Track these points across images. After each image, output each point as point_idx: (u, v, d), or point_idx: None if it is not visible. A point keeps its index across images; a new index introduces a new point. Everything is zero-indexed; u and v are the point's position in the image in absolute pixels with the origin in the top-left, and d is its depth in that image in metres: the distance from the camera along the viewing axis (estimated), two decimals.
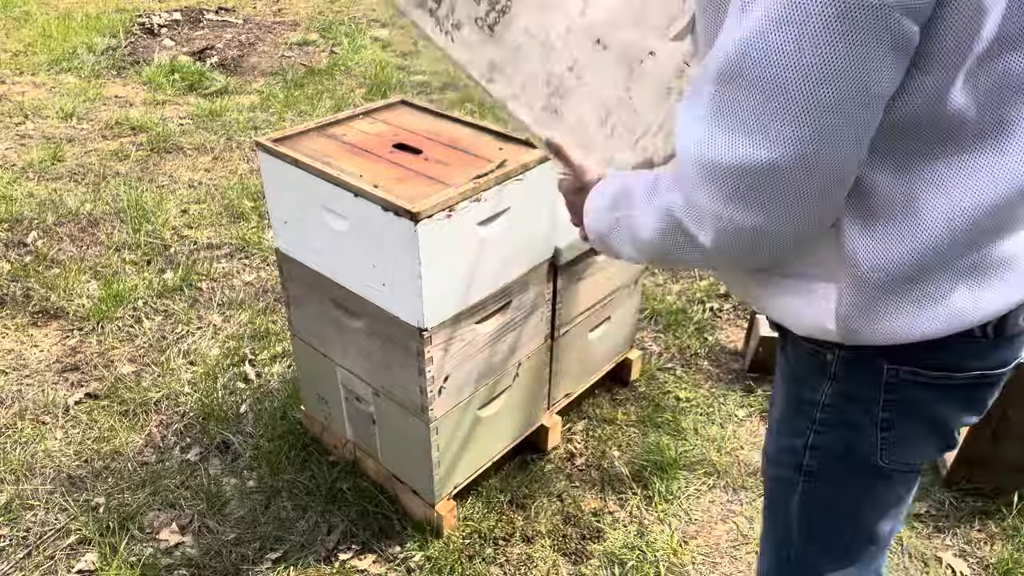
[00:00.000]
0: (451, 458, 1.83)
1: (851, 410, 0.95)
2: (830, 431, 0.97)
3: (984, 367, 0.91)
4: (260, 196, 3.47)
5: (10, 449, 2.15)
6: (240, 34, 5.78)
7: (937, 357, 0.89)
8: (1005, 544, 1.92)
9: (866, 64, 0.71)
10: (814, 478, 1.01)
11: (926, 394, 0.91)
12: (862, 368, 0.92)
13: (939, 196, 0.81)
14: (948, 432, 0.97)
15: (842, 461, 0.98)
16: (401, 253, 1.52)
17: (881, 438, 0.94)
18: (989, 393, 0.96)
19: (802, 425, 0.99)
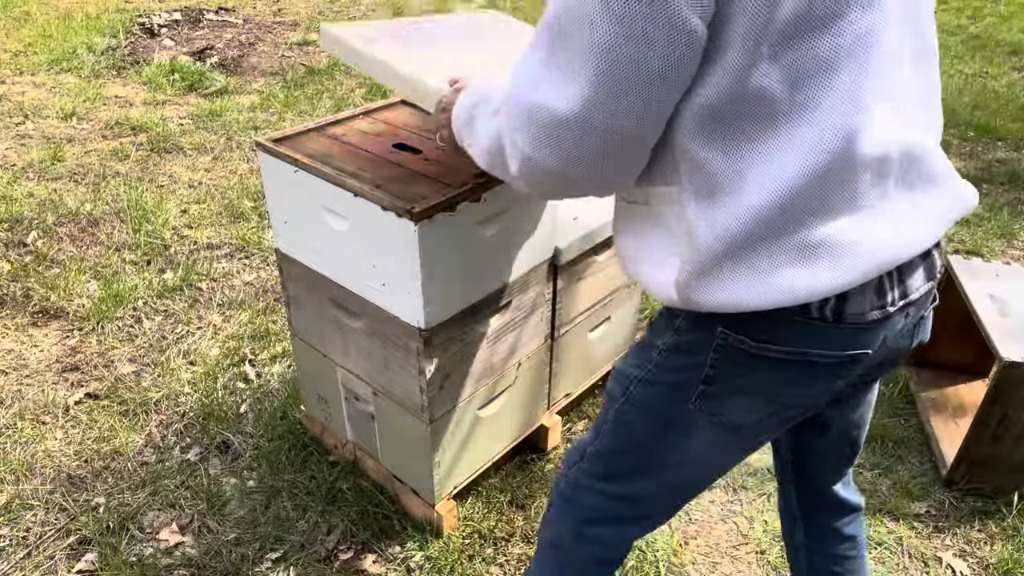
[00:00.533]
0: (451, 458, 1.83)
1: (683, 361, 1.04)
2: (660, 373, 1.07)
3: (810, 347, 0.95)
4: (260, 196, 3.47)
5: (10, 449, 2.15)
6: (240, 34, 5.78)
7: (765, 329, 0.95)
8: (1005, 544, 1.93)
9: (645, 44, 0.81)
10: (633, 402, 1.11)
11: (749, 360, 0.98)
12: (701, 326, 0.99)
13: (762, 172, 0.87)
14: (775, 403, 1.02)
15: (662, 396, 1.08)
16: (401, 253, 1.52)
17: (700, 389, 1.02)
18: (823, 375, 0.99)
19: (643, 360, 1.09)
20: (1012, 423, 1.93)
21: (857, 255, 0.90)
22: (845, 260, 0.90)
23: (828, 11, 0.82)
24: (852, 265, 0.90)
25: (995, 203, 3.59)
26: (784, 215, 0.88)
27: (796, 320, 0.93)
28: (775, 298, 0.91)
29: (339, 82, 4.92)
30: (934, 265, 1.01)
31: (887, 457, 2.18)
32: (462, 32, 1.76)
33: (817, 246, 0.90)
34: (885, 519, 1.99)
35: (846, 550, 1.37)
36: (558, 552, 1.28)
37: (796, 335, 0.95)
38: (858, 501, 1.36)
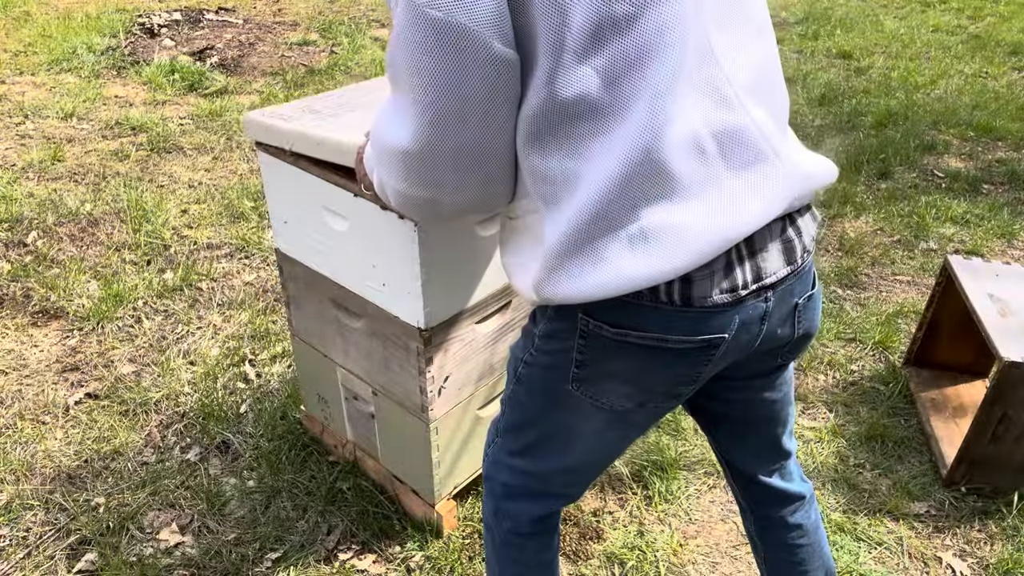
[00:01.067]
0: (451, 458, 1.83)
1: (555, 345, 1.09)
2: (539, 356, 1.13)
3: (664, 332, 0.99)
4: (260, 196, 3.47)
5: (10, 449, 2.15)
6: (240, 34, 5.78)
7: (620, 316, 1.00)
8: (1005, 544, 1.93)
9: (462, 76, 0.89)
10: (521, 383, 1.18)
11: (611, 346, 1.03)
12: (567, 314, 1.05)
13: (592, 170, 0.93)
14: (642, 388, 1.07)
15: (542, 378, 1.14)
16: (401, 253, 1.52)
17: (574, 372, 1.08)
18: (682, 361, 1.03)
19: (527, 344, 1.16)
20: (1012, 423, 1.93)
21: (686, 238, 0.94)
22: (675, 244, 0.94)
23: (629, 11, 0.87)
24: (683, 248, 0.94)
25: (995, 203, 3.59)
26: (611, 208, 0.94)
27: (647, 306, 0.98)
28: (615, 285, 0.96)
29: (339, 82, 4.92)
30: (793, 248, 1.03)
31: (887, 457, 2.18)
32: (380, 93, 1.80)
33: (647, 233, 0.94)
34: (885, 519, 1.99)
35: (796, 538, 1.38)
36: (488, 532, 1.35)
37: (650, 321, 0.99)
38: (800, 490, 1.36)
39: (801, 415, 2.32)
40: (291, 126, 1.61)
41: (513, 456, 1.26)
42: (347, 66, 5.19)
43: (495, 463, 1.30)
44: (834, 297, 2.91)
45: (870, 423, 2.28)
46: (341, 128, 1.58)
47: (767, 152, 0.99)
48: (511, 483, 1.28)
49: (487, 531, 1.36)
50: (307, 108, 1.71)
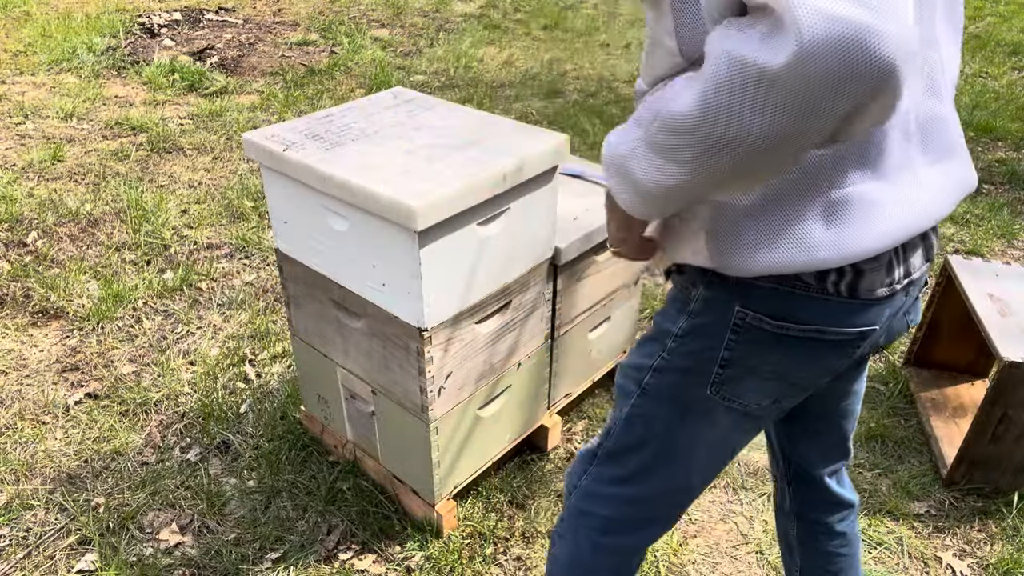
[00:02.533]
0: (451, 458, 1.83)
1: (698, 344, 1.01)
2: (674, 359, 1.04)
3: (825, 324, 0.94)
4: (260, 196, 3.47)
5: (10, 449, 2.15)
6: (240, 34, 5.78)
7: (781, 307, 0.94)
8: (1005, 544, 1.93)
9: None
10: (648, 395, 1.08)
11: (767, 340, 0.96)
12: (717, 307, 0.98)
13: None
14: (785, 383, 1.01)
15: (677, 386, 1.05)
16: (401, 253, 1.52)
17: (717, 372, 1.00)
18: (833, 354, 0.98)
19: (654, 349, 1.07)
20: (1012, 423, 1.93)
21: (881, 218, 0.88)
22: (869, 223, 0.88)
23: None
24: (876, 229, 0.88)
25: (995, 203, 3.59)
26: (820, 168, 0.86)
27: (814, 296, 0.93)
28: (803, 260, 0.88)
29: (339, 82, 4.92)
30: (932, 246, 1.01)
31: (887, 457, 2.18)
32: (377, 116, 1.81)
33: (846, 205, 0.87)
34: (885, 519, 1.99)
35: (838, 547, 1.37)
36: (578, 570, 1.24)
37: (813, 312, 0.94)
38: (852, 498, 1.36)
39: None
40: (298, 157, 1.60)
41: (616, 484, 1.16)
42: (347, 66, 5.19)
43: (589, 496, 1.19)
44: None
45: (870, 423, 2.28)
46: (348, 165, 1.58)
47: (957, 148, 0.96)
48: (612, 515, 1.18)
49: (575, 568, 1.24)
50: (309, 132, 1.70)
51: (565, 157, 1.73)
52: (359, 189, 1.49)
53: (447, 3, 6.84)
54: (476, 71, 5.24)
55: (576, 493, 1.23)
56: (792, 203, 0.88)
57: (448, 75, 5.15)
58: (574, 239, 1.89)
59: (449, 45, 5.75)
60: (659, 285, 2.94)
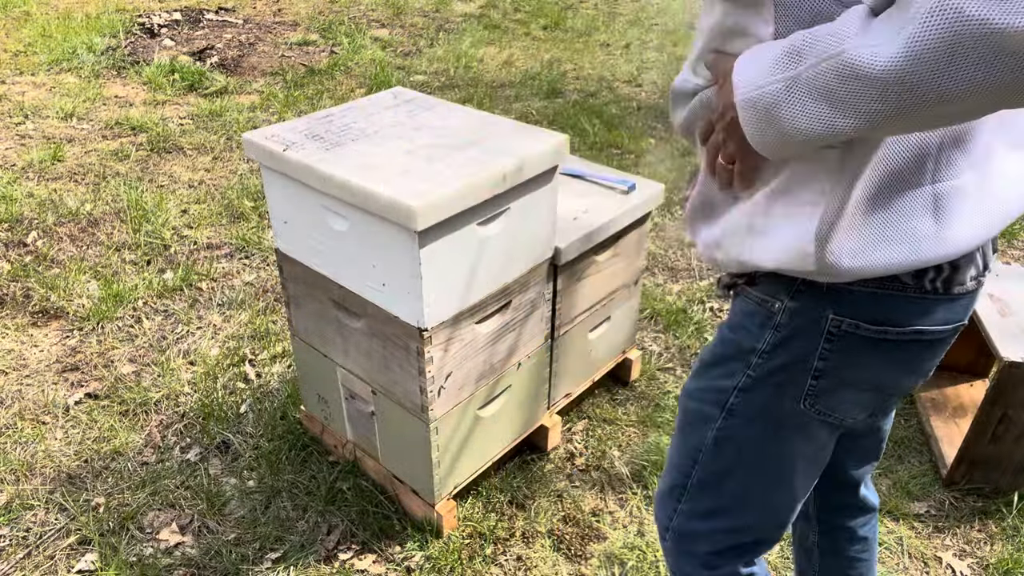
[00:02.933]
0: (451, 458, 1.83)
1: (788, 357, 0.96)
2: (763, 376, 0.98)
3: (923, 324, 0.90)
4: (260, 196, 3.47)
5: (10, 449, 2.15)
6: (240, 34, 5.78)
7: (882, 311, 0.89)
8: (1005, 544, 1.92)
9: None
10: (735, 415, 1.02)
11: (863, 347, 0.92)
12: (807, 317, 0.92)
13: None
14: (881, 392, 0.97)
15: (768, 402, 1.00)
16: (401, 253, 1.52)
17: (810, 385, 0.95)
18: (927, 354, 0.95)
19: (735, 368, 1.00)
20: (1012, 423, 1.93)
21: (981, 210, 0.85)
22: (973, 214, 0.84)
23: None
24: (980, 219, 0.85)
25: None
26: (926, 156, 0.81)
27: (911, 296, 0.88)
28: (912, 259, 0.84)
29: (339, 82, 4.92)
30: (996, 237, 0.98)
31: (887, 457, 2.18)
32: (377, 116, 1.81)
33: (952, 197, 0.83)
34: (885, 519, 1.99)
35: (859, 552, 1.35)
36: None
37: (911, 313, 0.89)
38: (875, 501, 1.34)
39: None
40: (298, 157, 1.61)
41: (713, 517, 1.10)
42: (347, 66, 5.19)
43: (686, 536, 1.13)
44: None
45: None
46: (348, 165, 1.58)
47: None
48: (716, 549, 1.12)
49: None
50: (309, 132, 1.71)
51: (565, 157, 1.73)
52: (359, 189, 1.49)
53: (447, 3, 6.84)
54: (476, 71, 5.24)
55: (670, 536, 1.17)
56: (900, 197, 0.83)
57: (448, 75, 5.15)
58: (574, 239, 1.89)
59: (449, 45, 5.75)
60: (659, 285, 2.94)
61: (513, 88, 4.93)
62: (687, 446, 1.10)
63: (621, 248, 2.12)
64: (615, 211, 2.01)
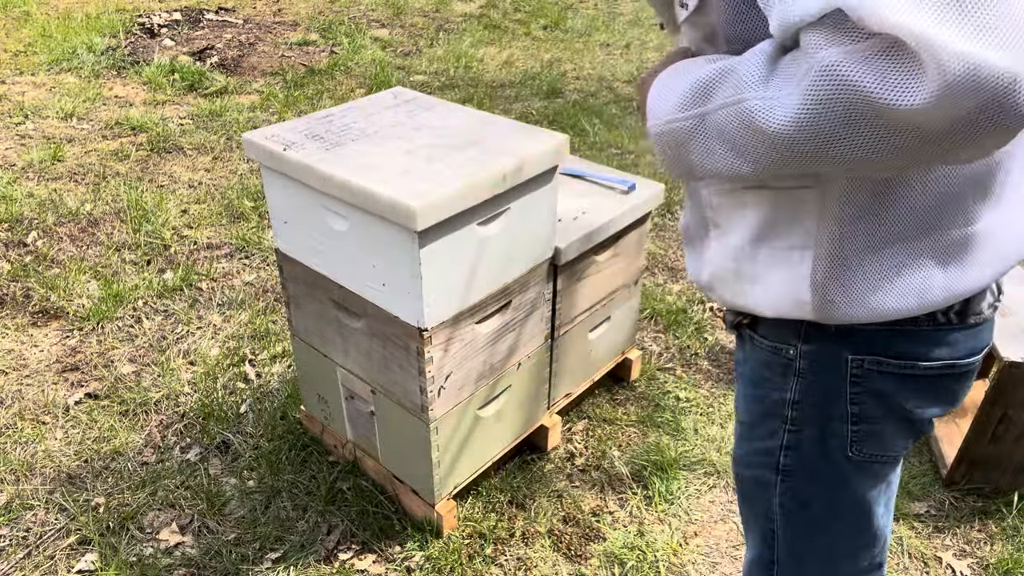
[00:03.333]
0: (451, 458, 1.83)
1: (820, 405, 0.92)
2: (803, 428, 0.94)
3: (951, 356, 0.87)
4: (260, 196, 3.47)
5: (10, 449, 2.15)
6: (240, 34, 5.78)
7: (900, 345, 0.85)
8: (1005, 544, 1.92)
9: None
10: (793, 475, 0.98)
11: (892, 385, 0.88)
12: (825, 361, 0.89)
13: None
14: (919, 423, 0.94)
15: (818, 457, 0.95)
16: (401, 253, 1.52)
17: (852, 431, 0.91)
18: (959, 384, 0.92)
19: (774, 426, 0.96)
20: (1012, 423, 1.93)
21: (994, 251, 0.82)
22: (984, 256, 0.81)
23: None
24: (988, 262, 0.82)
25: None
26: (944, 204, 0.78)
27: (925, 331, 0.85)
28: (916, 304, 0.81)
29: (339, 82, 4.92)
30: None
31: None
32: (377, 116, 1.82)
33: (965, 242, 0.80)
34: None
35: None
36: None
37: (934, 345, 0.86)
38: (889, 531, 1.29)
39: None
40: (298, 157, 1.61)
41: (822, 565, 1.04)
42: (347, 66, 5.19)
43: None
44: None
45: None
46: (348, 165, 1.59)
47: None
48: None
49: None
50: (309, 132, 1.71)
51: (565, 157, 1.73)
52: (359, 189, 1.49)
53: (447, 3, 6.84)
54: (476, 71, 5.24)
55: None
56: (911, 244, 0.80)
57: (448, 75, 5.15)
58: (574, 239, 1.89)
59: (449, 45, 5.75)
60: (659, 285, 2.94)
61: (513, 88, 4.93)
62: (758, 515, 1.05)
63: (621, 248, 2.12)
64: (615, 211, 2.01)
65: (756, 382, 0.97)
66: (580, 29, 6.22)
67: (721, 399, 2.37)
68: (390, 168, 1.55)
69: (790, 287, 0.85)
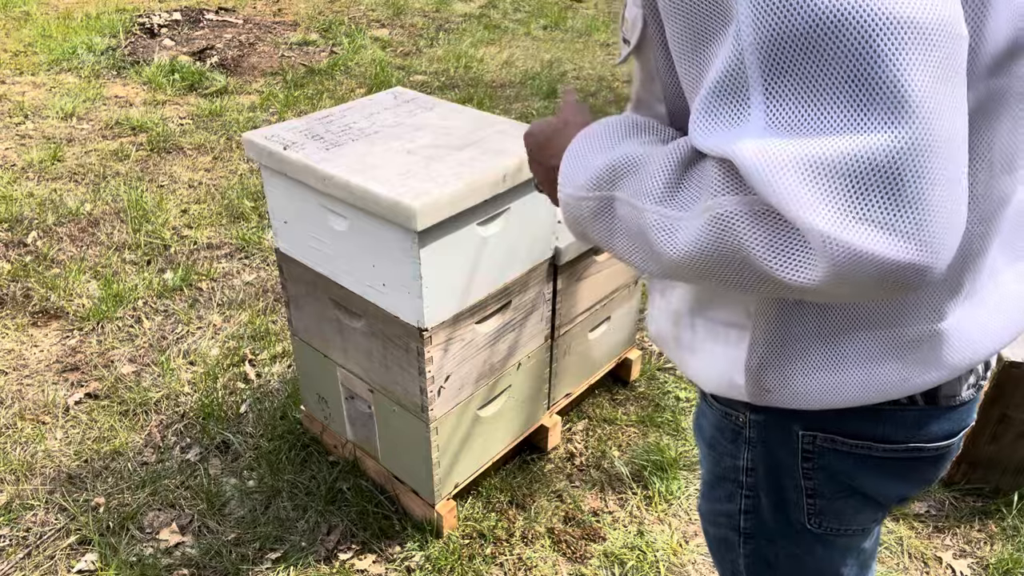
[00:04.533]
0: (451, 458, 1.83)
1: (773, 476, 0.86)
2: (759, 495, 0.89)
3: (918, 439, 0.79)
4: (260, 196, 3.47)
5: (10, 449, 2.15)
6: (240, 34, 5.78)
7: (854, 424, 0.78)
8: (1005, 544, 1.93)
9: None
10: (755, 539, 0.93)
11: (847, 464, 0.81)
12: (776, 433, 0.83)
13: None
14: (884, 502, 0.87)
15: (777, 523, 0.90)
16: (401, 253, 1.52)
17: (807, 504, 0.86)
18: (932, 467, 0.84)
19: (731, 490, 0.92)
20: (1012, 423, 1.93)
21: (961, 348, 0.75)
22: (949, 354, 0.74)
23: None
24: (954, 360, 0.75)
25: None
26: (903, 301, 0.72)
27: (887, 410, 0.78)
28: (864, 394, 0.74)
29: (339, 82, 4.92)
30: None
31: None
32: (378, 116, 1.82)
33: (928, 336, 0.73)
34: (885, 519, 1.99)
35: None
36: None
37: (899, 426, 0.79)
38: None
39: None
40: (298, 157, 1.62)
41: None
42: (347, 66, 5.19)
43: None
44: None
45: None
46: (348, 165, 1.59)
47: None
48: None
49: None
50: (309, 132, 1.71)
51: None
52: (359, 189, 1.49)
53: (447, 3, 6.84)
54: (476, 71, 5.24)
55: None
56: (864, 334, 0.73)
57: (448, 75, 5.15)
58: (574, 239, 1.89)
59: (449, 45, 5.75)
60: None
61: (513, 88, 4.93)
62: (725, 571, 1.02)
63: None
64: None
65: (711, 444, 0.93)
66: (580, 29, 6.22)
67: None
68: (390, 168, 1.55)
69: (724, 366, 0.80)
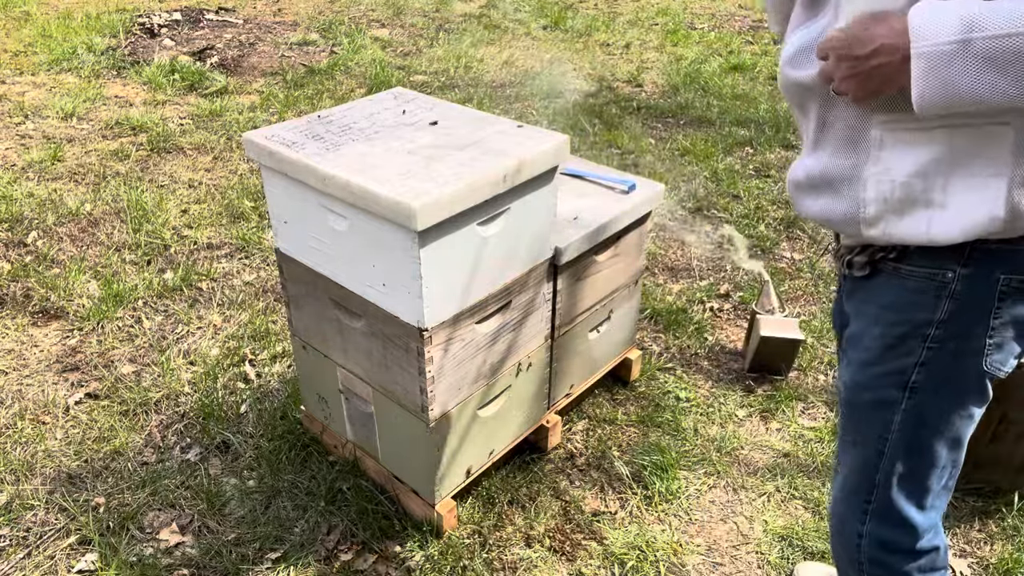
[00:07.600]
0: (451, 458, 1.83)
1: (968, 322, 1.01)
2: (943, 345, 1.03)
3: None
4: (260, 196, 3.47)
5: (10, 449, 2.15)
6: (240, 34, 5.78)
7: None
8: (1005, 544, 1.93)
9: None
10: (919, 392, 1.06)
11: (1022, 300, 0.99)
12: (982, 281, 0.99)
13: None
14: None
15: (949, 372, 1.04)
16: (401, 253, 1.52)
17: (988, 344, 1.01)
18: None
19: (912, 346, 1.04)
20: (1012, 423, 1.93)
21: None
22: None
23: None
24: None
25: None
26: None
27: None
28: None
29: (339, 82, 4.92)
30: None
31: None
32: (379, 116, 1.82)
33: None
34: None
35: None
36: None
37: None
38: None
39: (801, 415, 2.32)
40: (298, 157, 1.61)
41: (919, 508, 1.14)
42: (347, 66, 5.19)
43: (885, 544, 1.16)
44: (835, 297, 2.91)
45: None
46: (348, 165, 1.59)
47: None
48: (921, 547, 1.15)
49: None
50: (309, 132, 1.71)
51: (565, 157, 1.73)
52: (359, 189, 1.49)
53: (447, 3, 6.84)
54: (476, 71, 5.24)
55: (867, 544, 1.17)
56: None
57: (448, 75, 5.15)
58: (574, 239, 1.89)
59: (449, 45, 5.75)
60: (659, 285, 2.94)
61: (513, 88, 4.93)
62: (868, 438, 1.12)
63: (621, 248, 2.12)
64: (615, 211, 2.01)
65: (898, 308, 1.05)
66: (580, 29, 6.22)
67: (721, 399, 2.37)
68: (390, 168, 1.55)
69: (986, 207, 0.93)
